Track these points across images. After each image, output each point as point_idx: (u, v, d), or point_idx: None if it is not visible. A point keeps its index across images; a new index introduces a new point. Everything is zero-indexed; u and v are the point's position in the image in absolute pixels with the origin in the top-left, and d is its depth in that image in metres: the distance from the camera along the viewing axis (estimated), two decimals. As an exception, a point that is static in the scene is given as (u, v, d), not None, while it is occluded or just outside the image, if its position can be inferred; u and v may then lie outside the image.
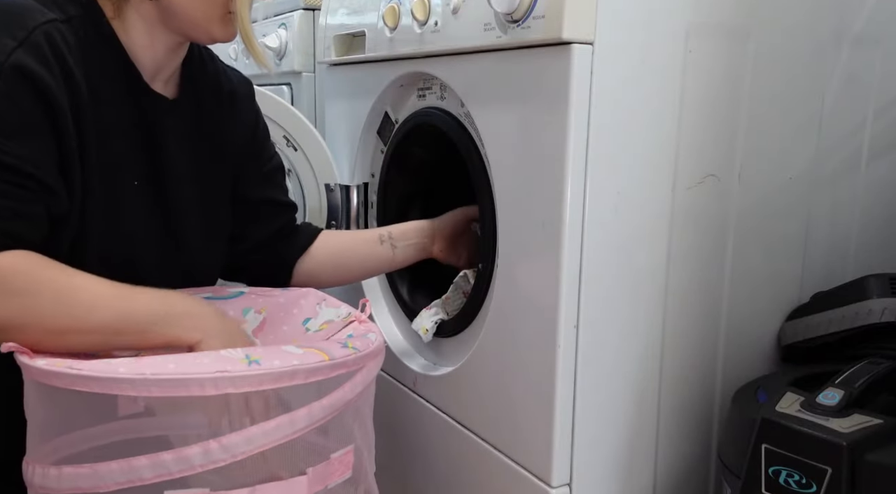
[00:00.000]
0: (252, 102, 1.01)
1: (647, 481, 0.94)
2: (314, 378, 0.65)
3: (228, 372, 0.61)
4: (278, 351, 0.66)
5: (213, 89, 0.94)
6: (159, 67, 0.85)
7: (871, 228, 1.09)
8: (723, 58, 0.88)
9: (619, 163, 0.82)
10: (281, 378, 0.63)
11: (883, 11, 1.02)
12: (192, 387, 0.60)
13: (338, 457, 0.70)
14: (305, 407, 0.65)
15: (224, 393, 0.61)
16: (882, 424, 0.72)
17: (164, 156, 0.86)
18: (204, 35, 0.83)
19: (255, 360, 0.63)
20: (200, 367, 0.61)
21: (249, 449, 0.62)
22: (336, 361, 0.67)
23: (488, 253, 0.93)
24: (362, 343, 0.72)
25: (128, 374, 0.60)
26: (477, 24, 0.86)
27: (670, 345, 0.91)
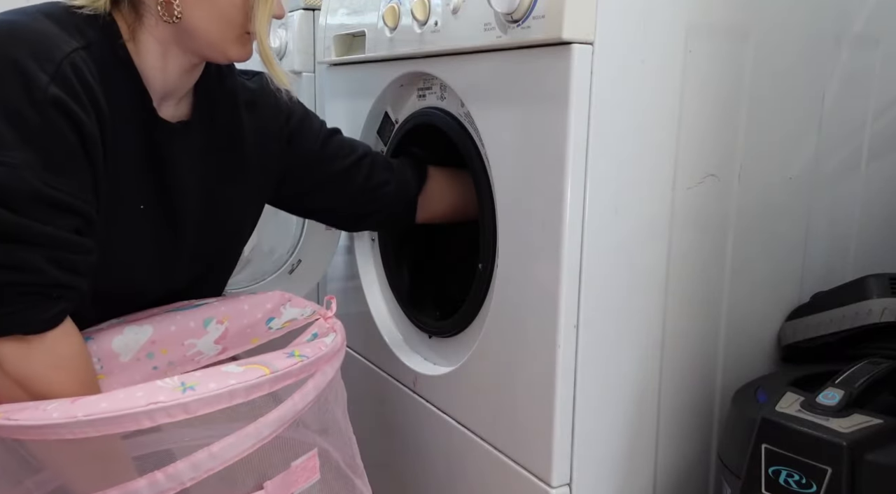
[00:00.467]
0: (275, 100, 0.98)
1: (647, 481, 0.94)
2: (255, 394, 0.64)
3: (162, 403, 0.60)
4: (216, 373, 0.64)
5: (230, 104, 0.92)
6: (170, 89, 0.84)
7: (871, 228, 1.09)
8: (723, 58, 0.88)
9: (619, 163, 0.82)
10: (218, 401, 0.62)
11: (883, 11, 1.02)
12: (127, 423, 0.60)
13: (299, 464, 0.69)
14: (252, 424, 0.64)
15: (159, 424, 0.60)
16: (882, 424, 0.72)
17: (172, 179, 0.85)
18: (220, 55, 0.82)
19: (190, 387, 0.62)
20: (133, 401, 0.60)
21: (196, 476, 0.61)
22: (278, 374, 0.65)
23: (488, 253, 0.93)
24: (313, 348, 0.71)
25: (61, 419, 0.59)
26: (477, 24, 0.86)
27: (670, 345, 0.91)
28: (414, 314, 1.13)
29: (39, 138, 0.68)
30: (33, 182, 0.67)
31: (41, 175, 0.68)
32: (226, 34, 0.80)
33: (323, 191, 1.03)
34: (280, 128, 0.98)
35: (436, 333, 1.09)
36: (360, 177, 1.03)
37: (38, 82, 0.68)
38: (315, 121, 1.04)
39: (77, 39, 0.74)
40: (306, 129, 1.01)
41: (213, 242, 0.92)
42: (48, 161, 0.68)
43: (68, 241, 0.70)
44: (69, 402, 0.62)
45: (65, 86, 0.69)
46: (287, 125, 0.99)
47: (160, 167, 0.83)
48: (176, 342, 0.88)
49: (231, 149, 0.92)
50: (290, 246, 1.29)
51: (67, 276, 0.70)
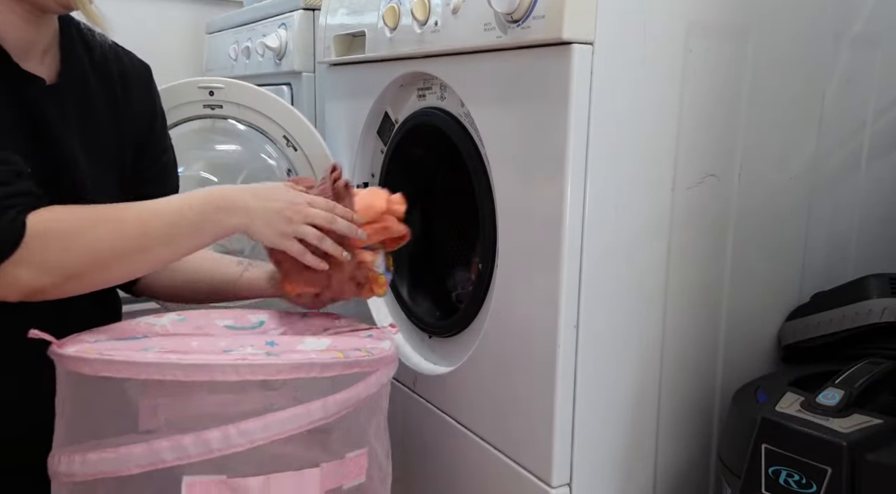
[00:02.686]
0: (149, 87, 0.97)
1: (647, 481, 0.94)
2: (329, 373, 0.68)
3: (248, 360, 0.64)
4: (298, 344, 0.69)
5: (101, 71, 0.91)
6: (27, 44, 0.82)
7: (871, 228, 1.09)
8: (723, 58, 0.88)
9: (619, 163, 0.82)
10: (298, 369, 0.66)
11: (883, 11, 1.02)
12: (215, 373, 0.63)
13: (352, 458, 0.71)
14: (320, 400, 0.67)
15: (244, 379, 0.64)
16: (882, 424, 0.72)
17: (50, 140, 0.83)
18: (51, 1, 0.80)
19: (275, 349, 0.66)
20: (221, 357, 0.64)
21: (266, 436, 0.64)
22: (350, 360, 0.69)
23: (488, 253, 0.93)
24: (377, 350, 0.74)
25: (155, 359, 0.63)
26: (477, 24, 0.86)
27: (670, 345, 0.91)
28: (414, 314, 1.13)
29: None
30: None
31: None
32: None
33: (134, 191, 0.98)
34: (149, 116, 0.97)
35: (436, 333, 1.09)
36: None
37: None
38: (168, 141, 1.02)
39: None
40: (165, 137, 1.01)
41: None
42: None
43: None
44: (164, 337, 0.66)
45: None
46: (154, 117, 0.98)
47: (36, 125, 0.82)
48: None
49: (106, 114, 0.91)
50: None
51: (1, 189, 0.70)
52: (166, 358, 0.63)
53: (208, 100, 1.26)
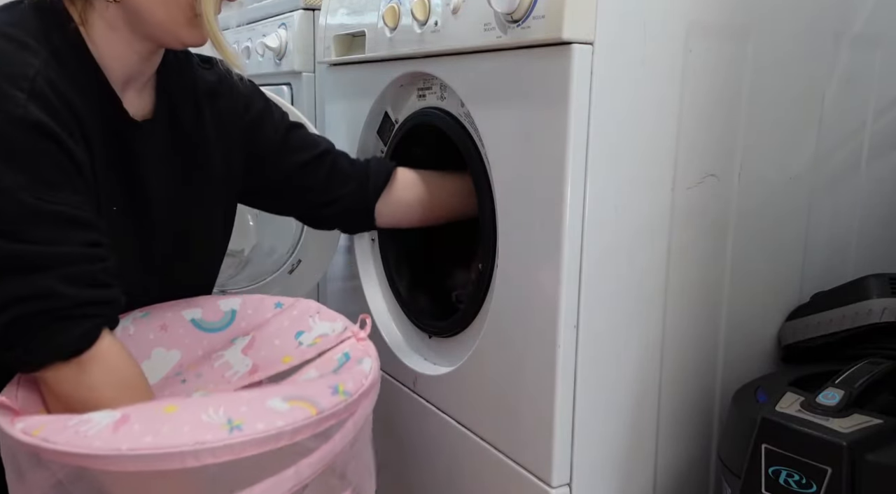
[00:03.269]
0: (234, 91, 0.96)
1: (647, 481, 0.94)
2: (300, 436, 0.62)
3: (208, 443, 0.58)
4: (262, 409, 0.63)
5: (191, 96, 0.91)
6: (131, 76, 0.82)
7: (871, 228, 1.09)
8: (723, 58, 0.88)
9: (619, 163, 0.82)
10: (265, 443, 0.60)
11: (883, 11, 1.02)
12: (172, 461, 0.58)
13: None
14: (292, 468, 0.62)
15: (204, 464, 0.58)
16: (882, 424, 0.72)
17: (140, 178, 0.83)
18: (173, 40, 0.80)
19: (237, 426, 0.60)
20: (179, 438, 0.58)
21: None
22: (324, 414, 0.64)
23: (488, 253, 0.93)
24: (355, 381, 0.69)
25: (103, 450, 0.57)
26: (477, 24, 0.86)
27: (670, 345, 0.91)
28: (414, 314, 1.13)
29: (25, 158, 0.67)
30: (29, 201, 0.66)
31: (36, 192, 0.66)
32: (173, 15, 0.77)
33: (283, 185, 1.02)
34: (240, 119, 0.96)
35: (436, 333, 1.09)
36: (322, 173, 1.02)
37: (15, 101, 0.66)
38: (276, 112, 1.02)
39: (41, 43, 0.72)
40: (266, 120, 1.00)
41: (187, 245, 0.91)
42: (39, 178, 0.67)
43: (81, 256, 0.69)
44: (110, 430, 0.59)
45: (44, 106, 0.68)
46: (246, 115, 0.97)
47: (128, 166, 0.82)
48: (204, 362, 0.87)
49: (195, 147, 0.90)
50: (290, 246, 1.29)
51: (88, 291, 0.69)
52: (115, 449, 0.57)
53: (208, 100, 1.25)
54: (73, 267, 0.68)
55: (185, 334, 0.87)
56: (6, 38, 0.71)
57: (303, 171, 1.01)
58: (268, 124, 1.00)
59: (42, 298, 0.66)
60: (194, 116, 0.90)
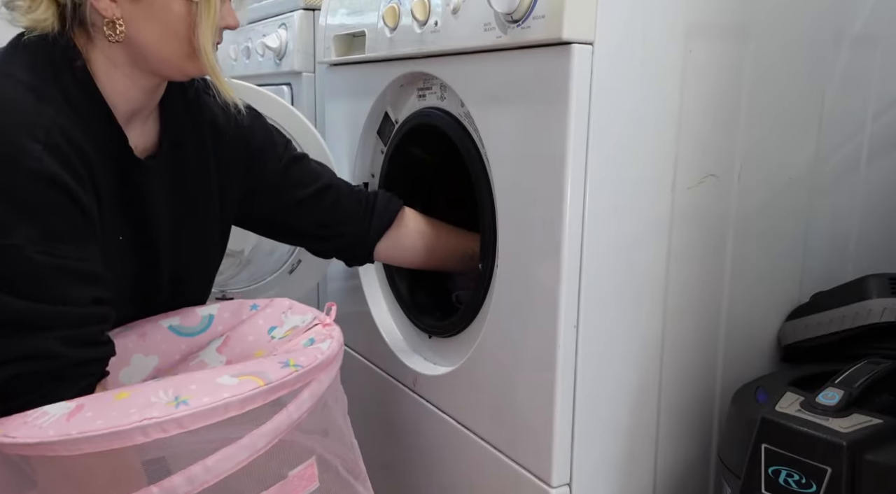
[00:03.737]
0: (236, 119, 0.96)
1: (647, 481, 0.94)
2: (250, 406, 0.64)
3: (155, 418, 0.60)
4: (210, 385, 0.64)
5: (196, 128, 0.91)
6: (136, 109, 0.82)
7: (871, 228, 1.09)
8: (723, 58, 0.88)
9: (619, 162, 0.82)
10: (212, 414, 0.62)
11: (883, 11, 1.02)
12: (122, 439, 0.60)
13: (296, 473, 0.69)
14: (247, 436, 0.64)
15: (154, 438, 0.60)
16: (882, 424, 0.72)
17: (145, 212, 0.84)
18: (177, 72, 0.80)
19: (184, 401, 0.62)
20: (126, 418, 0.60)
21: (192, 489, 0.61)
22: (272, 385, 0.65)
23: (488, 253, 0.93)
24: (308, 357, 0.70)
25: (57, 436, 0.59)
26: (477, 24, 0.86)
27: (670, 345, 0.91)
28: (414, 314, 1.13)
29: (38, 212, 0.67)
30: (38, 257, 0.66)
31: (46, 246, 0.67)
32: (176, 49, 0.78)
33: (282, 219, 1.02)
34: (239, 153, 0.96)
35: (436, 333, 1.09)
36: (323, 208, 1.02)
37: (31, 154, 0.66)
38: (279, 143, 1.01)
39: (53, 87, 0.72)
40: (268, 154, 0.99)
41: (187, 265, 0.92)
42: (50, 232, 0.68)
43: (83, 316, 0.70)
44: (65, 419, 0.61)
45: (58, 156, 0.68)
46: (247, 148, 0.97)
47: (134, 201, 0.82)
48: (181, 364, 0.89)
49: (198, 179, 0.91)
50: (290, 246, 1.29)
51: (86, 351, 0.70)
52: (66, 434, 0.59)
53: (208, 101, 1.25)
54: (75, 329, 0.69)
55: (162, 340, 0.89)
56: (20, 84, 0.71)
57: (302, 207, 1.01)
58: (269, 158, 0.99)
59: (44, 359, 0.68)
60: (197, 148, 0.91)
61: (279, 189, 1.00)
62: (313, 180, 1.02)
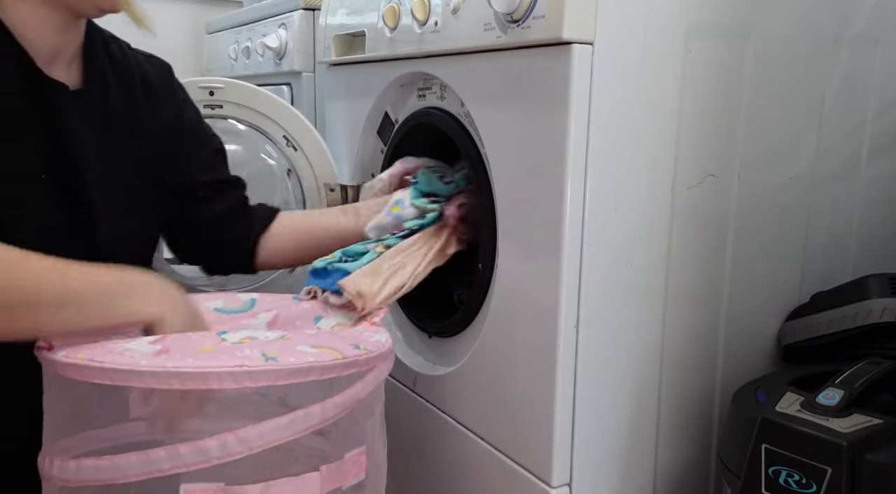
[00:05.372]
0: (171, 88, 0.95)
1: (647, 481, 0.94)
2: (329, 375, 0.66)
3: (247, 367, 0.62)
4: (293, 350, 0.67)
5: (123, 77, 0.89)
6: (54, 50, 0.80)
7: (871, 228, 1.09)
8: (723, 58, 0.88)
9: (619, 162, 0.82)
10: (297, 373, 0.64)
11: (883, 11, 1.02)
12: (212, 381, 0.61)
13: (351, 457, 0.70)
14: (319, 404, 0.66)
15: (242, 385, 0.62)
16: (882, 424, 0.72)
17: (70, 148, 0.81)
18: (89, 5, 0.78)
19: (272, 357, 0.64)
20: (219, 361, 0.62)
21: (264, 443, 0.63)
22: (349, 360, 0.68)
23: (488, 253, 0.93)
24: (373, 345, 0.73)
25: (149, 367, 0.61)
26: (477, 24, 0.86)
27: (670, 345, 0.91)
28: (414, 314, 1.13)
29: None
30: None
31: None
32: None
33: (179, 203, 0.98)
34: (175, 116, 0.95)
35: (436, 333, 1.09)
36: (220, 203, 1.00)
37: None
38: (207, 131, 1.01)
39: None
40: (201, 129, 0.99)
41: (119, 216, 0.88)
42: None
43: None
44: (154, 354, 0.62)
45: None
46: (182, 115, 0.96)
47: (56, 136, 0.80)
48: None
49: (128, 123, 0.89)
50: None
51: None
52: (161, 366, 0.61)
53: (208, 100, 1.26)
54: None
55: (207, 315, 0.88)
56: None
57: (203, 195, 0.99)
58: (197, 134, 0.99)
59: None
60: (127, 95, 0.89)
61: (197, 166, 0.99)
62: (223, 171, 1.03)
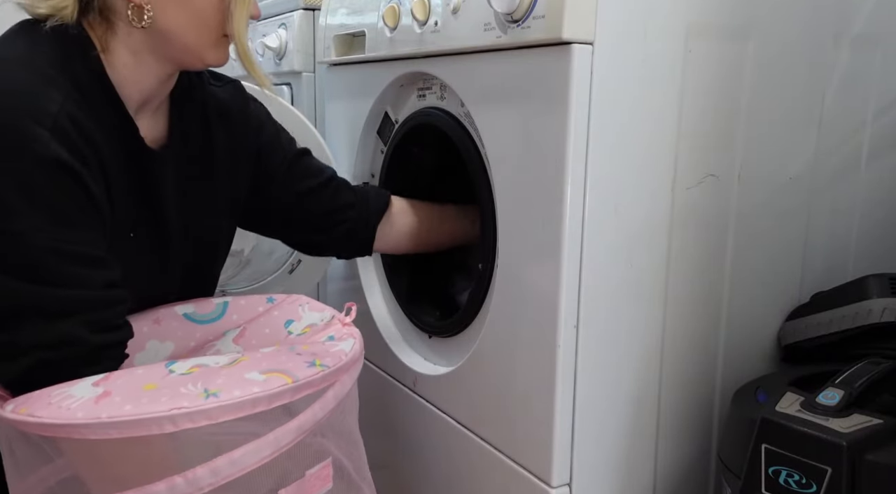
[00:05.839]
0: (245, 110, 0.96)
1: (647, 481, 0.94)
2: (277, 403, 0.64)
3: (185, 408, 0.60)
4: (239, 380, 0.65)
5: (202, 117, 0.90)
6: (147, 99, 0.81)
7: (871, 228, 1.09)
8: (723, 58, 0.88)
9: (619, 163, 0.82)
10: (241, 408, 0.62)
11: (883, 11, 1.02)
12: (151, 427, 0.60)
13: (314, 473, 0.70)
14: (271, 433, 0.64)
15: (182, 429, 0.60)
16: (882, 424, 0.72)
17: (157, 205, 0.84)
18: (197, 61, 0.80)
19: (214, 393, 0.62)
20: (157, 405, 0.61)
21: (215, 481, 0.62)
22: (299, 383, 0.66)
23: (488, 253, 0.93)
24: (333, 357, 0.71)
25: (85, 419, 0.60)
26: (477, 24, 0.86)
27: (670, 345, 0.91)
28: (414, 314, 1.13)
29: (46, 197, 0.67)
30: (48, 242, 0.66)
31: (55, 232, 0.67)
32: (202, 38, 0.78)
33: (287, 210, 1.02)
34: (250, 143, 0.96)
35: (436, 333, 1.09)
36: (325, 198, 1.02)
37: (38, 139, 0.66)
38: (284, 137, 1.02)
39: (64, 74, 0.71)
40: (276, 146, 1.00)
41: (196, 261, 0.92)
42: (58, 217, 0.67)
43: (101, 300, 0.70)
44: (93, 402, 0.62)
45: (66, 142, 0.68)
46: (257, 140, 0.97)
47: (146, 194, 0.82)
48: (196, 353, 0.89)
49: (205, 169, 0.91)
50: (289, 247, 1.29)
51: (108, 336, 0.70)
52: (96, 418, 0.60)
53: (208, 100, 1.25)
54: (95, 313, 0.69)
55: (178, 326, 0.89)
56: (29, 69, 0.71)
57: (309, 196, 1.01)
58: (277, 149, 1.00)
59: (68, 345, 0.68)
60: (206, 137, 0.90)
61: (287, 178, 1.00)
62: (318, 172, 1.03)
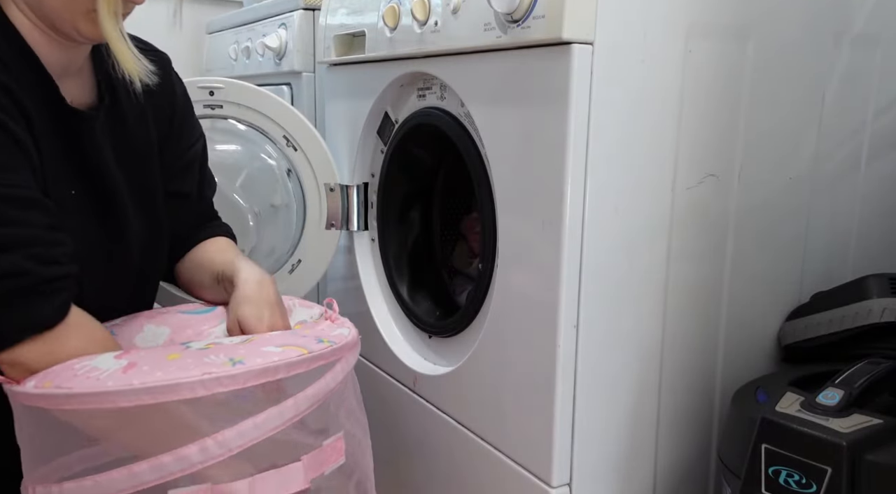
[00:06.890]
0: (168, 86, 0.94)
1: (647, 481, 0.94)
2: (295, 371, 0.68)
3: (214, 373, 0.63)
4: (259, 351, 0.68)
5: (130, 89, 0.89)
6: (63, 64, 0.80)
7: (871, 228, 1.09)
8: (723, 58, 0.88)
9: (619, 162, 0.82)
10: (264, 374, 0.66)
11: (883, 11, 1.02)
12: (183, 391, 0.62)
13: (330, 444, 0.73)
14: (291, 398, 0.68)
15: (213, 392, 0.63)
16: (882, 424, 0.72)
17: (94, 165, 0.83)
18: (72, 31, 0.78)
19: (239, 361, 0.65)
20: (187, 371, 0.63)
21: (243, 443, 0.64)
22: (315, 354, 0.70)
23: (488, 253, 0.93)
24: (336, 337, 0.75)
25: (116, 387, 0.61)
26: (477, 24, 0.86)
27: (670, 345, 0.91)
28: (414, 314, 1.13)
29: None
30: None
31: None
32: (71, 7, 0.75)
33: None
34: (168, 116, 0.95)
35: (436, 333, 1.09)
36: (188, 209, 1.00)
37: None
38: (195, 132, 1.00)
39: None
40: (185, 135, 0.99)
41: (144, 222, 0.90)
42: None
43: (42, 238, 0.70)
44: (121, 372, 0.63)
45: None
46: (173, 115, 0.96)
47: (80, 154, 0.81)
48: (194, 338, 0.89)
49: (138, 134, 0.90)
50: (289, 246, 1.29)
51: (55, 268, 0.70)
52: (128, 384, 0.61)
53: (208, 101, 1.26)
54: (37, 248, 0.69)
55: (171, 317, 0.90)
56: None
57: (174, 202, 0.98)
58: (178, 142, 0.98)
59: (14, 276, 0.67)
60: (134, 106, 0.90)
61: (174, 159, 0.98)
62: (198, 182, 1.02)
